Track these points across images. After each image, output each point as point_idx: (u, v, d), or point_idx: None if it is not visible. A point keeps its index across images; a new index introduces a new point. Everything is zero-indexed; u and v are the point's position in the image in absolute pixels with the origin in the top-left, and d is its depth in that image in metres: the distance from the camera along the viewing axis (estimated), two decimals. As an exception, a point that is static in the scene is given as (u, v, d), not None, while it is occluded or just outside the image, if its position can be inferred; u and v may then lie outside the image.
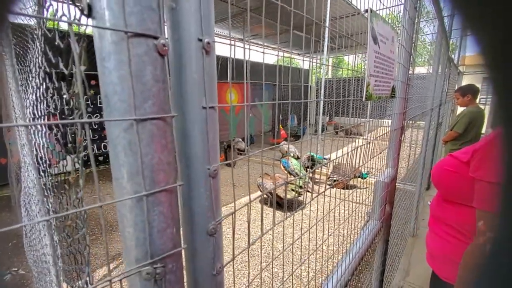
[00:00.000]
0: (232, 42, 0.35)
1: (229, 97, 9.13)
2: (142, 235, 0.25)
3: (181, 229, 0.30)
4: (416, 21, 1.15)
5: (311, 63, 12.37)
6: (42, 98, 0.82)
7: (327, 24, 5.79)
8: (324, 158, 5.13)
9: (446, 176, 0.89)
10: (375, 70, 0.76)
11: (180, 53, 0.26)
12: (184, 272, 0.30)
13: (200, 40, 0.26)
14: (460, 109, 4.23)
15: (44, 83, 0.76)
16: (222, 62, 8.69)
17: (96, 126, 6.26)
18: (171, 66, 0.27)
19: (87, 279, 0.33)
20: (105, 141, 6.48)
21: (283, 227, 0.61)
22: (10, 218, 3.92)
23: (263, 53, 0.41)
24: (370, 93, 0.75)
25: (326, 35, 5.87)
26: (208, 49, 0.27)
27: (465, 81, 10.85)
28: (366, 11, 0.65)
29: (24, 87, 1.10)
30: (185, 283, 0.31)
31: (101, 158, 6.41)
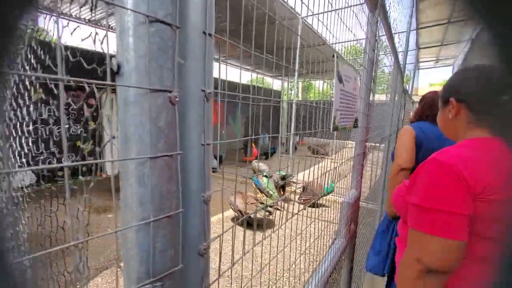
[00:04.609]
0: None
1: (202, 113, 9.10)
2: (145, 255, 0.28)
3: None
4: (374, 61, 1.34)
5: (282, 84, 12.91)
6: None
7: (297, 50, 6.21)
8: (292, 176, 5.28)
9: (398, 202, 1.00)
10: (341, 105, 0.88)
11: (186, 100, 0.32)
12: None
13: (203, 90, 0.32)
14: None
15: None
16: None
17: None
18: (177, 111, 0.33)
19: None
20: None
21: (251, 250, 0.65)
22: None
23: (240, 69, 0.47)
24: (337, 124, 0.86)
25: (297, 61, 6.26)
26: (208, 98, 0.33)
27: (418, 109, 12.10)
28: (333, 56, 0.77)
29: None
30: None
31: (61, 173, 5.88)
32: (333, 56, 0.77)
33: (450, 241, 0.69)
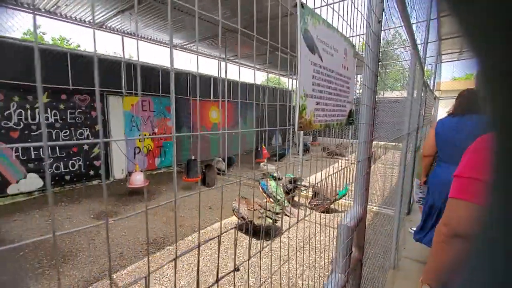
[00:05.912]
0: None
1: (211, 115, 8.95)
2: None
3: None
4: (381, 37, 0.99)
5: (292, 82, 12.52)
6: None
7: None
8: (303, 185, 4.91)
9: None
10: (316, 89, 0.55)
11: None
12: None
13: None
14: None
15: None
16: (206, 80, 8.60)
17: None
18: None
19: None
20: (73, 158, 6.01)
21: (246, 256, 0.37)
22: None
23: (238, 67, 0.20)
24: (308, 119, 0.53)
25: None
26: None
27: (441, 105, 11.29)
28: (295, 5, 0.44)
29: None
30: None
31: (67, 177, 5.90)
32: (295, 5, 0.44)
33: (475, 206, 0.71)
